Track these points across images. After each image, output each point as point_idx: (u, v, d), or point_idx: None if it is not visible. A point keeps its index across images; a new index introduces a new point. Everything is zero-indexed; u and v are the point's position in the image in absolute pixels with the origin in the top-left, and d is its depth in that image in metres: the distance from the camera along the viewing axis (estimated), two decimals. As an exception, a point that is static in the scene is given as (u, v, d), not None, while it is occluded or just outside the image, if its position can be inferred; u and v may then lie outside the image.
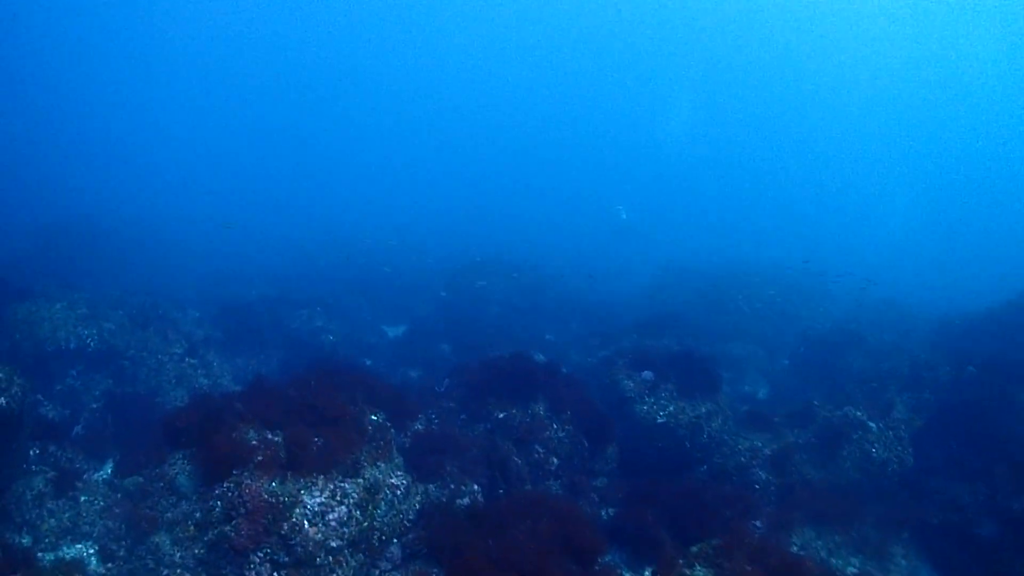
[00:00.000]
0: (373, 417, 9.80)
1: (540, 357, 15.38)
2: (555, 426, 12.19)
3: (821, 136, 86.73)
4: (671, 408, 13.70)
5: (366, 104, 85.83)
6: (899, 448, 13.76)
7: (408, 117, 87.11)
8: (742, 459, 13.09)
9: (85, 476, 10.69)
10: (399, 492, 8.67)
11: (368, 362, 21.53)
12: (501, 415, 12.02)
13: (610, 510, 11.59)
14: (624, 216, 45.88)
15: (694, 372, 14.87)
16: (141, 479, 9.06)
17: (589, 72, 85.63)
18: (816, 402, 14.86)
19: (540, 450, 11.70)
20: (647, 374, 14.51)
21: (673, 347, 18.17)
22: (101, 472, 11.46)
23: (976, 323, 22.83)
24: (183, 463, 8.04)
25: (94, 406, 14.76)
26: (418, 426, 11.35)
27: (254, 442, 8.06)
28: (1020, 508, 11.88)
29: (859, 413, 14.09)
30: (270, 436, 8.40)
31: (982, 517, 12.27)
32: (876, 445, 13.57)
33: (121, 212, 39.22)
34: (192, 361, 17.34)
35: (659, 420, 13.48)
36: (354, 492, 7.99)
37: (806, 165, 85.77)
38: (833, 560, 11.38)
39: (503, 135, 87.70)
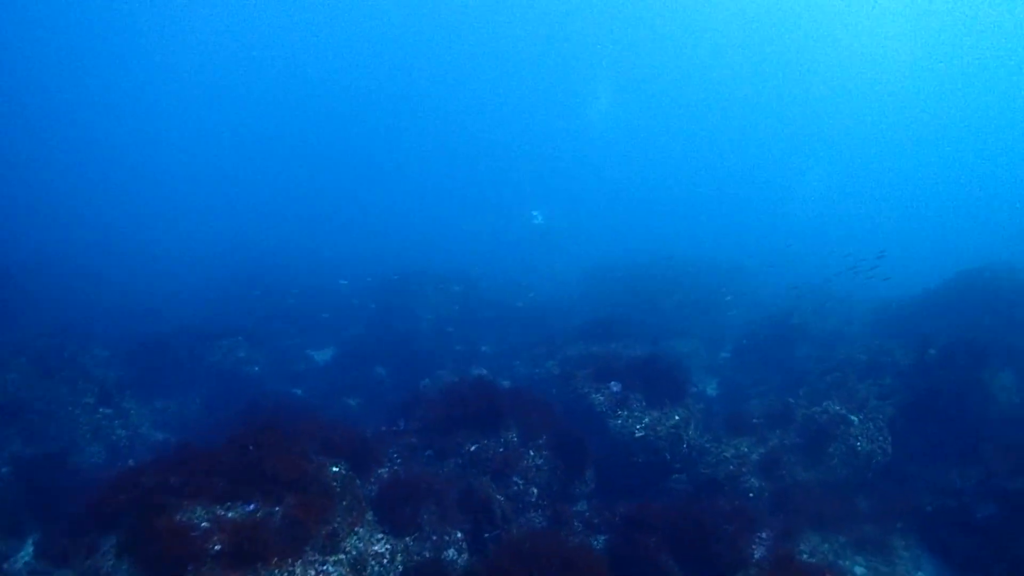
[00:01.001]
0: (334, 468, 8.40)
1: (505, 383, 14.23)
2: (531, 453, 10.99)
3: (743, 131, 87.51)
4: (646, 420, 12.75)
5: (284, 117, 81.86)
6: (881, 439, 13.22)
7: (324, 126, 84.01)
8: (731, 467, 12.20)
9: (4, 565, 9.07)
10: (385, 561, 7.33)
11: (299, 392, 20.12)
12: (472, 447, 10.74)
13: (600, 537, 10.48)
14: (539, 220, 45.07)
15: (658, 378, 14.00)
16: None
17: (502, 72, 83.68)
18: (792, 399, 14.23)
19: (519, 481, 10.49)
20: (615, 386, 13.54)
21: (633, 354, 17.26)
22: (22, 554, 9.91)
23: (914, 307, 22.87)
24: (117, 561, 6.42)
25: (3, 470, 12.89)
26: (382, 471, 9.95)
27: (204, 524, 6.49)
28: (1016, 488, 11.44)
29: (838, 407, 13.47)
30: (221, 513, 6.87)
31: (979, 500, 11.80)
32: (860, 438, 12.98)
33: (21, 241, 36.26)
34: (106, 411, 15.62)
35: (637, 434, 12.47)
36: (339, 573, 6.62)
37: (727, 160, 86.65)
38: (840, 562, 10.90)
39: (418, 141, 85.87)
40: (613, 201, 67.72)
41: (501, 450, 10.84)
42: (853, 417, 13.23)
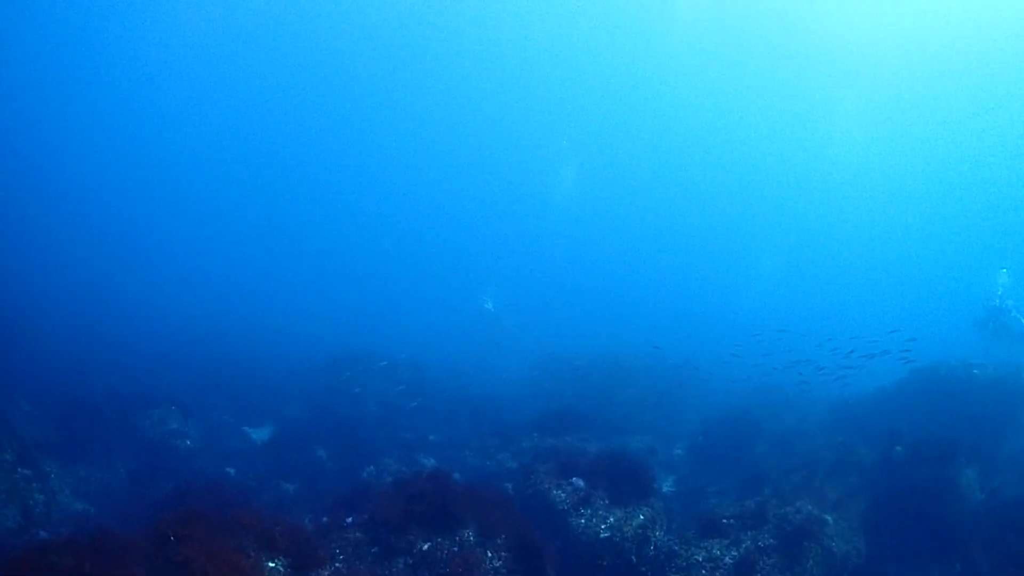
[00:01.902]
0: (271, 564, 7.38)
1: (456, 476, 13.28)
2: (488, 554, 10.01)
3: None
4: (611, 519, 11.87)
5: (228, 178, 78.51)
6: (855, 539, 12.66)
7: (269, 191, 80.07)
8: (703, 572, 11.31)
9: None
10: None
11: (232, 471, 18.80)
12: (425, 546, 9.73)
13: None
14: (489, 306, 44.42)
15: (622, 475, 13.19)
16: None
17: (459, 144, 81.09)
18: (760, 499, 13.51)
19: (474, 587, 9.51)
20: (578, 482, 12.68)
21: (591, 448, 16.57)
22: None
23: (870, 404, 22.72)
24: None
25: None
26: (324, 572, 8.87)
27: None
28: None
29: (810, 507, 12.80)
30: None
31: None
32: (835, 539, 12.27)
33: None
34: (25, 472, 14.13)
35: (602, 534, 11.58)
36: None
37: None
38: None
39: (367, 216, 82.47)
40: (568, 288, 66.95)
41: (456, 550, 9.85)
42: (827, 517, 12.60)
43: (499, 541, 10.26)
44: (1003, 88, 59.99)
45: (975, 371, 21.33)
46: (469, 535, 10.16)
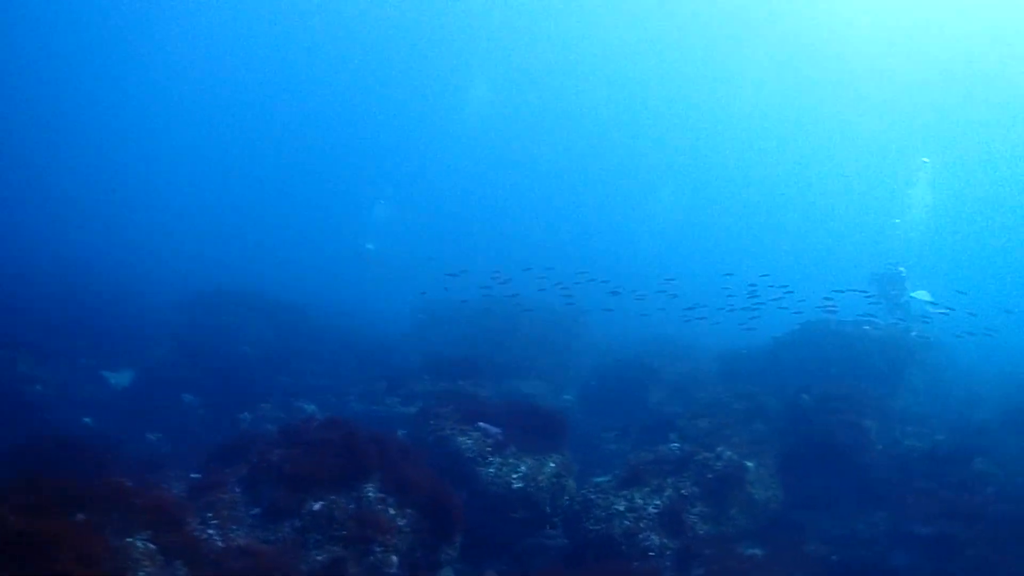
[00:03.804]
0: (132, 540, 5.96)
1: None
2: (391, 512, 8.79)
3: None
4: (523, 468, 10.89)
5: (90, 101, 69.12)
6: (773, 486, 12.26)
7: (137, 116, 70.77)
8: (627, 522, 10.46)
9: None
10: None
11: (89, 421, 16.94)
12: (316, 506, 8.41)
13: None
14: (371, 247, 42.65)
15: (531, 421, 12.25)
16: None
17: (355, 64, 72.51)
18: (676, 444, 12.85)
19: (377, 550, 8.27)
20: (487, 427, 11.58)
21: (487, 393, 15.66)
22: None
23: (765, 355, 22.56)
24: None
25: None
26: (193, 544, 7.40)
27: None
28: (931, 534, 10.88)
29: (731, 452, 12.19)
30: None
31: (892, 548, 11.14)
32: (756, 485, 11.86)
33: None
34: None
35: (515, 484, 10.60)
36: None
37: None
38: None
39: (242, 145, 74.43)
40: (465, 219, 64.47)
41: (353, 508, 8.59)
42: (748, 463, 12.07)
43: (404, 496, 9.05)
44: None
45: (866, 328, 21.52)
46: (369, 491, 8.89)
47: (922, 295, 24.33)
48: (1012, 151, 64.99)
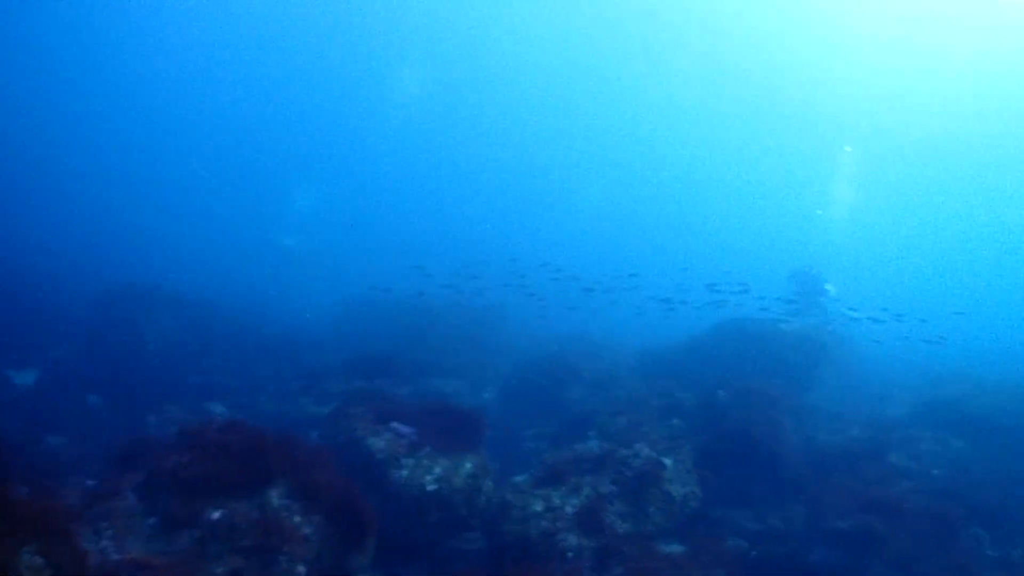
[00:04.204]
0: (24, 556, 5.44)
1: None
2: (298, 519, 8.36)
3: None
4: (438, 470, 10.55)
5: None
6: (691, 482, 12.11)
7: (44, 109, 65.24)
8: (544, 523, 10.20)
9: None
10: None
11: (-14, 421, 15.91)
12: (216, 515, 7.94)
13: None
14: (289, 242, 41.77)
15: (445, 420, 11.90)
16: None
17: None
18: (595, 442, 12.74)
19: (282, 560, 7.83)
20: (400, 427, 11.21)
21: (406, 392, 15.30)
22: None
23: (680, 352, 22.74)
24: None
25: None
26: (90, 551, 6.87)
27: None
28: (848, 528, 10.91)
29: (648, 450, 12.05)
30: None
31: (810, 543, 11.14)
32: (674, 483, 11.70)
33: None
34: None
35: (429, 487, 10.26)
36: None
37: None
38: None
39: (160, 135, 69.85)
40: (391, 212, 62.81)
41: (256, 516, 8.14)
42: (666, 460, 11.93)
43: (311, 502, 8.62)
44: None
45: (781, 325, 21.97)
46: (273, 497, 8.44)
47: (829, 289, 24.88)
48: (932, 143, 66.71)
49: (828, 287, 24.51)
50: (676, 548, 11.09)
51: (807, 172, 64.21)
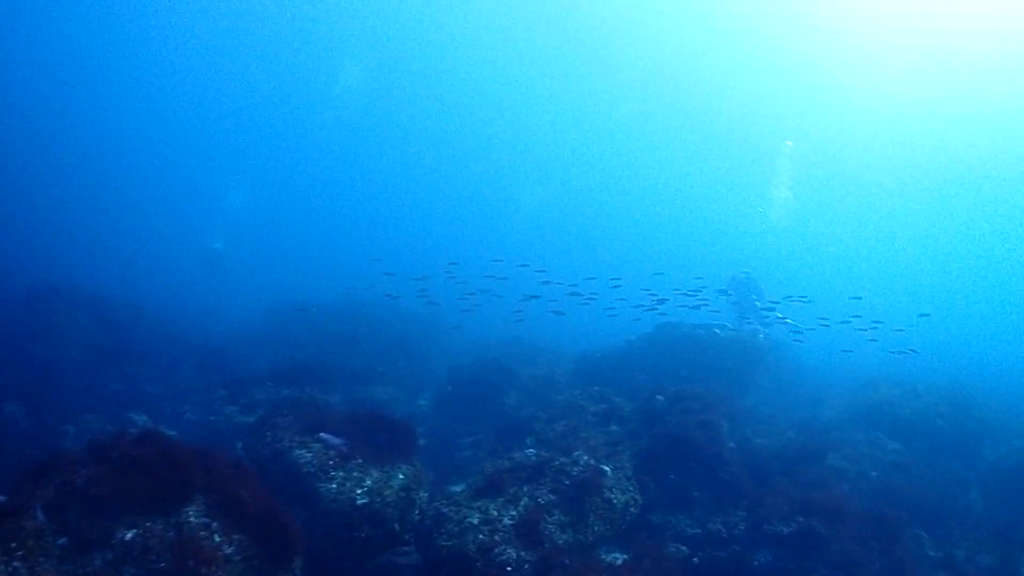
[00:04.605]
0: None
1: (172, 433, 10.86)
2: (218, 538, 7.85)
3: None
4: (368, 482, 10.09)
5: None
6: (632, 489, 11.85)
7: None
8: (481, 536, 9.76)
9: None
10: None
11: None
12: (129, 535, 7.39)
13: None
14: (219, 246, 40.57)
15: (377, 429, 11.45)
16: None
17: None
18: (532, 450, 12.36)
19: (200, 584, 7.32)
20: (328, 438, 10.72)
21: (337, 400, 14.77)
22: None
23: (616, 357, 22.66)
24: None
25: None
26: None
27: None
28: (791, 531, 10.83)
29: (587, 457, 11.77)
30: None
31: (753, 548, 10.96)
32: (615, 490, 11.41)
33: None
34: None
35: (359, 500, 9.78)
36: None
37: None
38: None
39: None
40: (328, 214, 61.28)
41: (172, 535, 7.61)
42: (605, 467, 11.64)
43: (232, 519, 8.12)
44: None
45: (716, 331, 22.06)
46: (191, 515, 7.92)
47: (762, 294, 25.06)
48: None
49: (756, 297, 24.65)
50: (618, 557, 10.87)
51: (748, 175, 64.85)
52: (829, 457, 14.62)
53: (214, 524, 7.96)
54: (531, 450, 12.24)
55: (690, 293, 21.09)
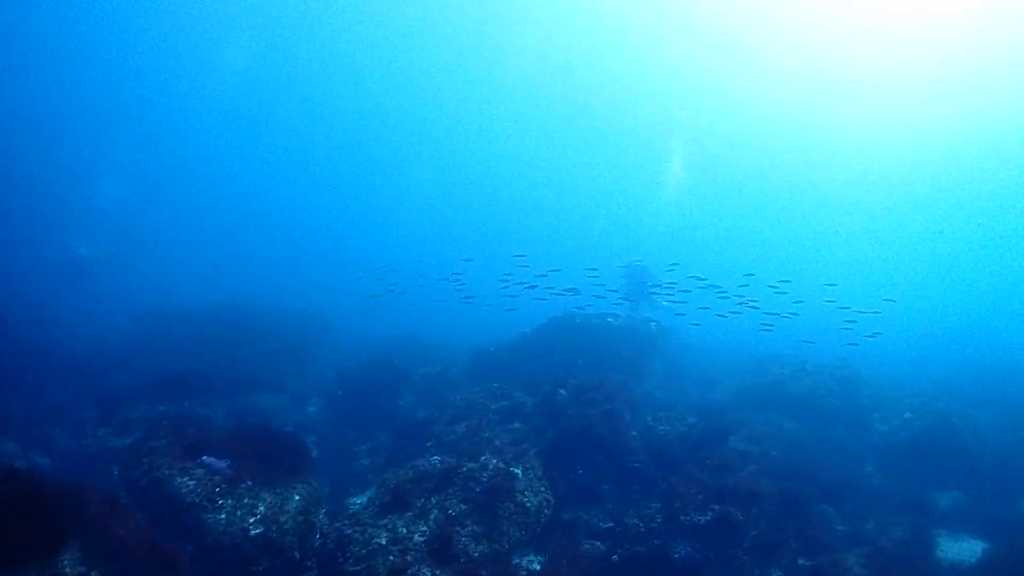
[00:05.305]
0: None
1: (42, 461, 9.78)
2: (94, 590, 6.92)
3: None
4: (261, 508, 9.27)
5: None
6: (543, 489, 11.54)
7: None
8: (392, 557, 9.09)
9: None
10: None
11: None
12: (-15, 592, 6.42)
13: None
14: (84, 251, 37.90)
15: (266, 447, 10.67)
16: None
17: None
18: (437, 457, 11.73)
19: (72, 640, 6.44)
20: (212, 462, 9.77)
21: (221, 413, 13.77)
22: None
23: (511, 351, 22.52)
24: None
25: None
26: None
27: None
28: (708, 520, 10.58)
29: (496, 460, 11.35)
30: None
31: (671, 540, 10.59)
32: (527, 493, 11.05)
33: None
34: None
35: (253, 530, 8.96)
36: None
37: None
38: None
39: None
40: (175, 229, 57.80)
41: (39, 587, 6.66)
42: (515, 470, 11.24)
43: (113, 565, 7.21)
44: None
45: (609, 319, 22.22)
46: (66, 564, 6.96)
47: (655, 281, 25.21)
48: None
49: (651, 284, 24.78)
50: (534, 560, 10.61)
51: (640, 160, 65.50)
52: (731, 439, 14.63)
53: (92, 573, 7.05)
54: (436, 457, 11.62)
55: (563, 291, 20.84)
